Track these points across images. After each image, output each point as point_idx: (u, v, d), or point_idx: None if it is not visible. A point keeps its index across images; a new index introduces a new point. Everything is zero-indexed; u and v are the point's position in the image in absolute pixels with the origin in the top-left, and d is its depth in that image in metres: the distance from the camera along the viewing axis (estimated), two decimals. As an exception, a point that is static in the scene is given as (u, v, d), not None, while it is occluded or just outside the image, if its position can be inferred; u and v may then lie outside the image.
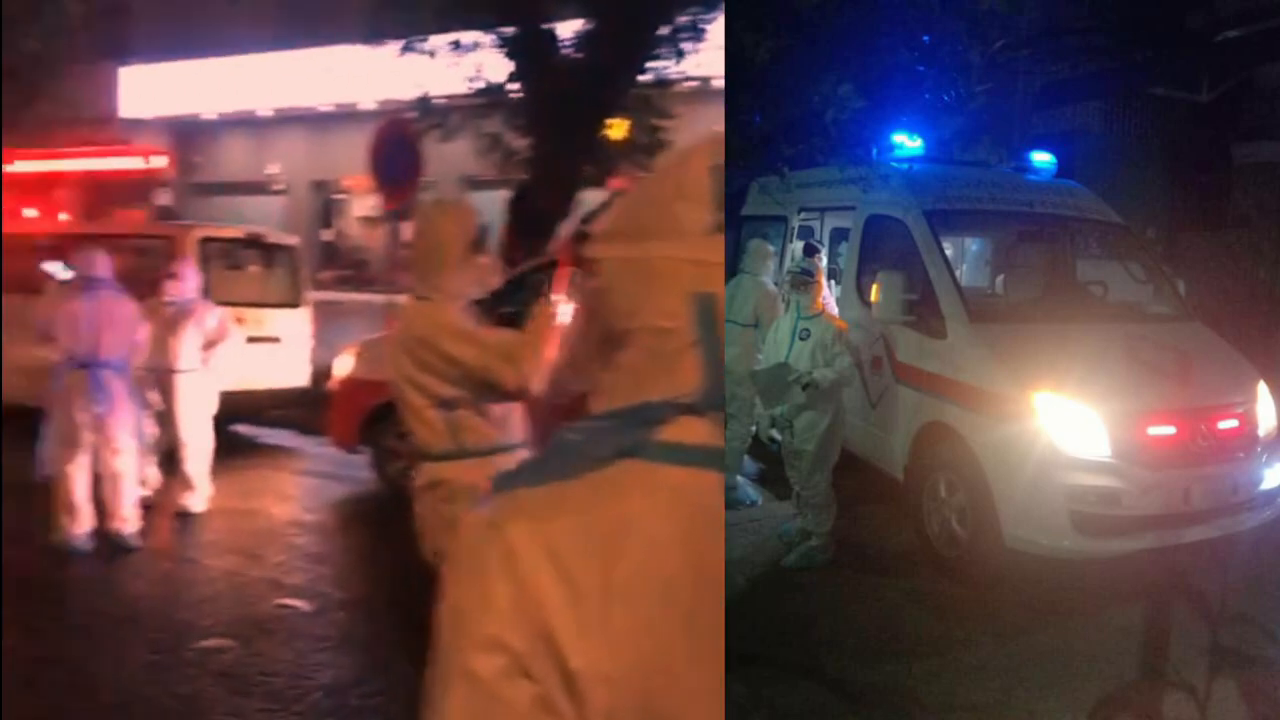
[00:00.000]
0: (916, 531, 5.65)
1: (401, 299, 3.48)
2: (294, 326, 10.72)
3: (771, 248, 7.28)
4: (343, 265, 17.16)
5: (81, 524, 6.28)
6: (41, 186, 16.26)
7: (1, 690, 4.21)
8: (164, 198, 17.27)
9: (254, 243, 10.89)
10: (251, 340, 9.43)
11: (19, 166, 17.65)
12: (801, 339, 5.48)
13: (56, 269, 6.68)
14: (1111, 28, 10.49)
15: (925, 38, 6.64)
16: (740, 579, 5.31)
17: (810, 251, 7.31)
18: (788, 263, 7.25)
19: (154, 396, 7.11)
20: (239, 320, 8.35)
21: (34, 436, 6.36)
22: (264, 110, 17.24)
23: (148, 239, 10.25)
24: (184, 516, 7.20)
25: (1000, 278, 6.97)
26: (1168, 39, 10.26)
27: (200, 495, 7.36)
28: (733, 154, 7.12)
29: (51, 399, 6.20)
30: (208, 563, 6.35)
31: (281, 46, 15.82)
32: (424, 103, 10.30)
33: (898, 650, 4.48)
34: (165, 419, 7.22)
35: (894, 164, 6.65)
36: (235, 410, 8.67)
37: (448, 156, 10.47)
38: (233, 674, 4.70)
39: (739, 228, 8.68)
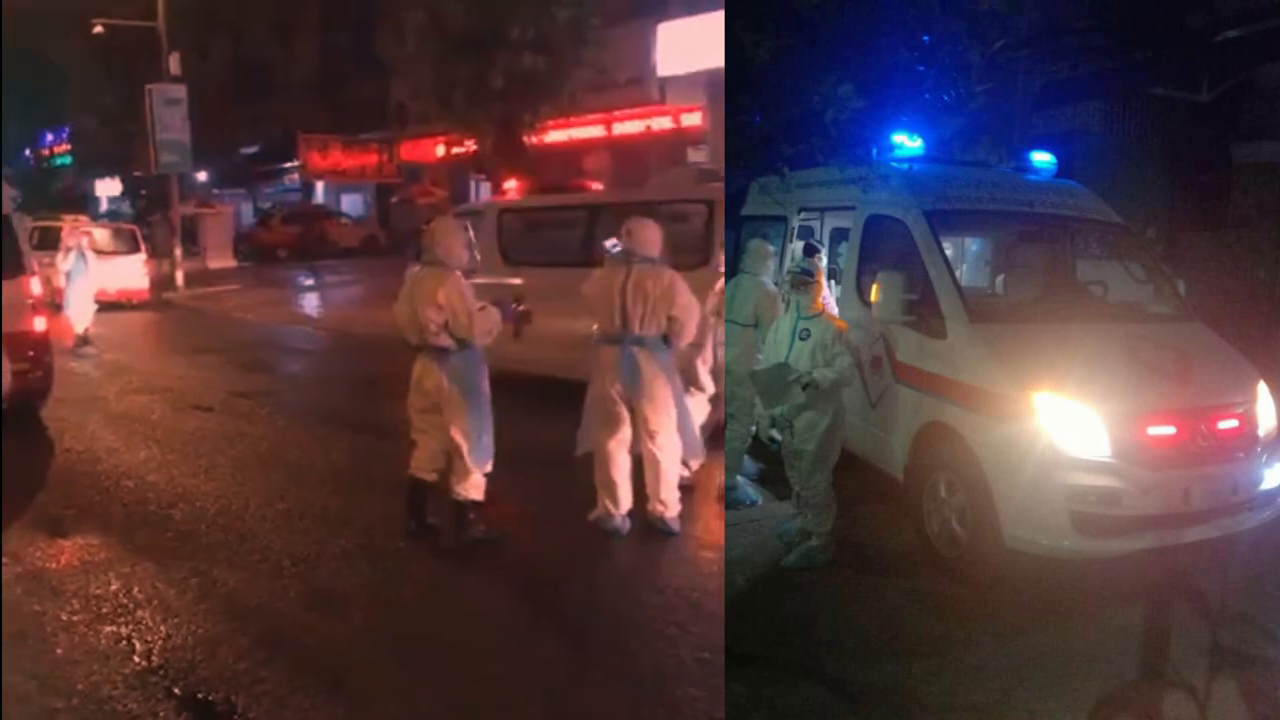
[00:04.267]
0: (916, 531, 5.65)
1: None
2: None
3: (771, 248, 7.27)
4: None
5: (621, 504, 5.71)
6: (575, 154, 15.75)
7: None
8: (700, 157, 16.50)
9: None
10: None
11: (553, 136, 17.61)
12: (801, 339, 5.48)
13: (610, 244, 5.99)
14: (1111, 28, 10.49)
15: (925, 38, 6.65)
16: (740, 579, 5.31)
17: (810, 251, 7.30)
18: (788, 263, 7.24)
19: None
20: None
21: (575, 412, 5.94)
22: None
23: (689, 204, 8.56)
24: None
25: (1000, 278, 6.97)
26: (1168, 39, 10.26)
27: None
28: (733, 154, 7.15)
29: (590, 375, 5.76)
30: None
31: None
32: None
33: (898, 650, 4.48)
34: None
35: (894, 164, 6.64)
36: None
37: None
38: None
39: (739, 228, 8.67)
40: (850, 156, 6.70)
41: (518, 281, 8.52)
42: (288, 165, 33.13)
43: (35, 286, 8.45)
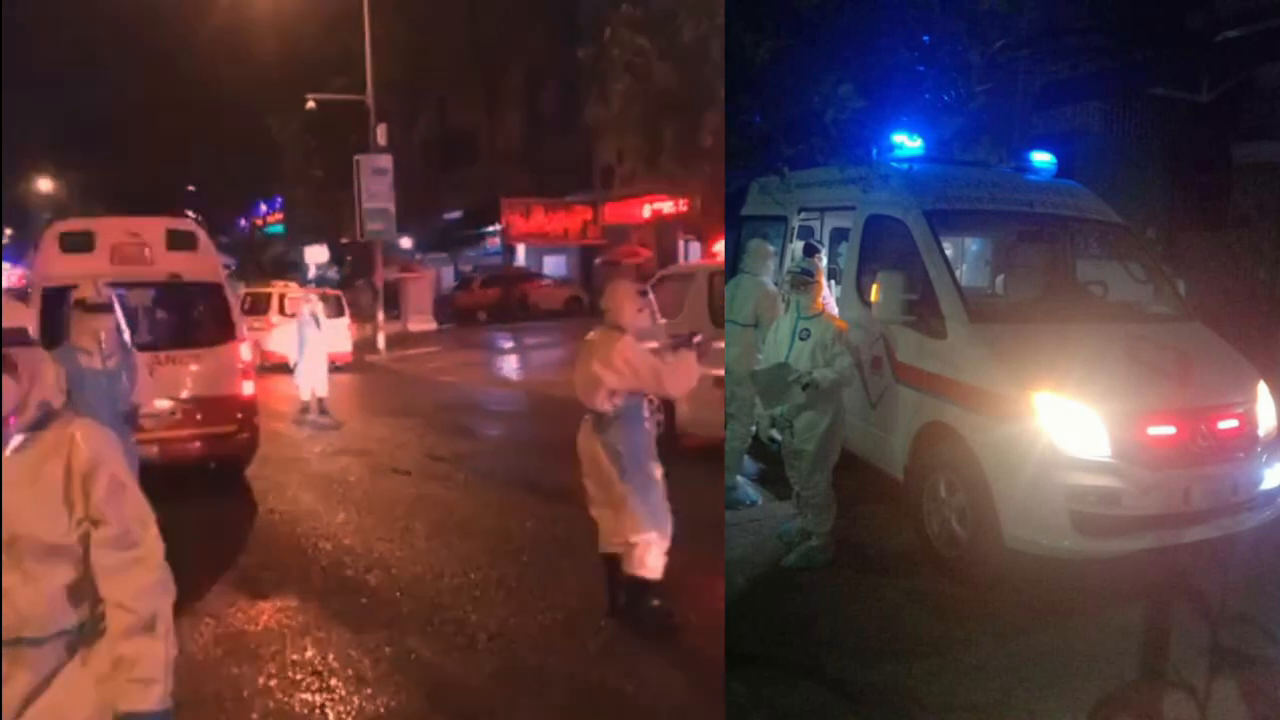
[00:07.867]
0: (916, 531, 5.65)
1: None
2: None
3: (771, 248, 7.28)
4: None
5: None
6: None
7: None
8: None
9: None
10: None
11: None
12: (801, 339, 5.48)
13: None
14: (1111, 28, 10.49)
15: (925, 38, 6.65)
16: (740, 579, 5.31)
17: (810, 251, 7.31)
18: (788, 263, 7.25)
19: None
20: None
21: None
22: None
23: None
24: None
25: (1000, 278, 6.97)
26: (1168, 39, 10.26)
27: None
28: (733, 154, 7.15)
29: None
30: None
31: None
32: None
33: (898, 650, 4.48)
34: None
35: (894, 164, 6.64)
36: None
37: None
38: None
39: (739, 228, 8.68)
40: (850, 156, 6.70)
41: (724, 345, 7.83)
42: (490, 229, 33.24)
43: (245, 352, 8.61)
